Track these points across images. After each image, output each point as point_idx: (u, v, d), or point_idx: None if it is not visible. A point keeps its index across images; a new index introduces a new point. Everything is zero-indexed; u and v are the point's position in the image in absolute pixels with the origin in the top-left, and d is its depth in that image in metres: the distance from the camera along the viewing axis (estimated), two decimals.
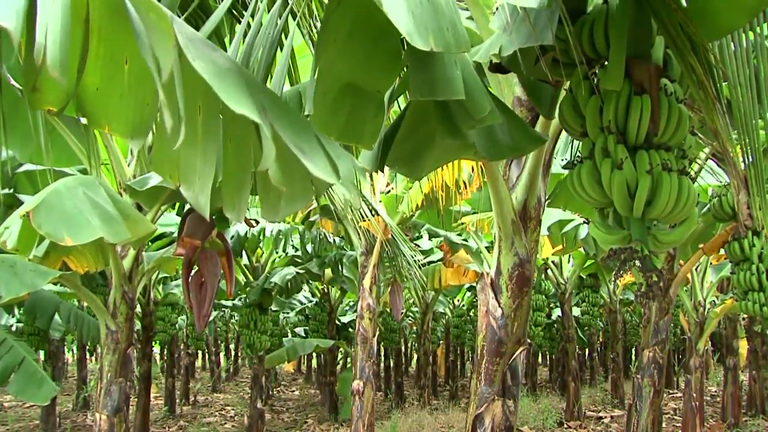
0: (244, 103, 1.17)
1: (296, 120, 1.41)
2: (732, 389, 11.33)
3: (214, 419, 13.03)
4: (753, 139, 2.38)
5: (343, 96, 1.76)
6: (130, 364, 5.04)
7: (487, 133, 2.13)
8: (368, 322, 7.48)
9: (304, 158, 1.24)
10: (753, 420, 12.04)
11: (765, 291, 5.70)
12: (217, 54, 1.30)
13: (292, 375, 26.06)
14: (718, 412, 12.32)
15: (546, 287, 13.24)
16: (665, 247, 2.19)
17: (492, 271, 2.99)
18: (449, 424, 11.65)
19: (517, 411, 3.06)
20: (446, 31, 1.54)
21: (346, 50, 1.70)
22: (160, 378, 18.18)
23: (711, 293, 9.04)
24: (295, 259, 11.12)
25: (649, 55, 2.11)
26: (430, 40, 1.46)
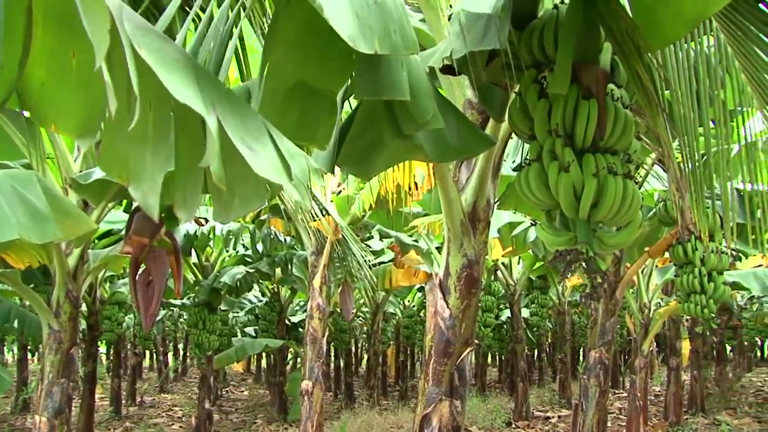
0: (190, 93, 1.15)
1: (249, 116, 1.38)
2: (674, 389, 11.58)
3: (161, 420, 12.84)
4: (692, 146, 2.43)
5: (294, 95, 1.75)
6: (74, 364, 4.94)
7: (436, 135, 2.14)
8: (318, 322, 7.45)
9: (250, 156, 1.22)
10: (693, 418, 12.33)
11: (706, 293, 5.85)
12: (168, 44, 1.27)
13: (242, 375, 25.82)
14: (661, 411, 12.57)
15: (496, 288, 13.36)
16: (610, 249, 2.23)
17: (441, 272, 3.00)
18: (398, 425, 11.67)
19: (464, 411, 3.08)
20: (393, 33, 1.54)
21: (298, 48, 1.68)
22: (106, 378, 17.84)
23: (656, 295, 9.22)
24: (246, 259, 11.02)
25: (597, 61, 2.14)
26: (375, 43, 1.45)
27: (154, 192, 1.31)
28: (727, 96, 2.88)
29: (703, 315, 5.96)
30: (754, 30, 2.34)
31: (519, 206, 6.87)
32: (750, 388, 17.82)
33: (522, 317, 13.55)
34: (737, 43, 2.46)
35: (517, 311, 13.08)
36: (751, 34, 2.36)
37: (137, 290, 4.00)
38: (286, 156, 1.35)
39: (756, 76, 2.55)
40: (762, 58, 2.43)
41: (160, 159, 1.31)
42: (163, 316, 18.34)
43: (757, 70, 2.50)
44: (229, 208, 1.48)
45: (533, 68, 2.20)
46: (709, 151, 2.75)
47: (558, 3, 2.16)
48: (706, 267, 5.87)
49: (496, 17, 1.95)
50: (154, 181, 1.31)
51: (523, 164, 2.23)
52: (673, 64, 2.46)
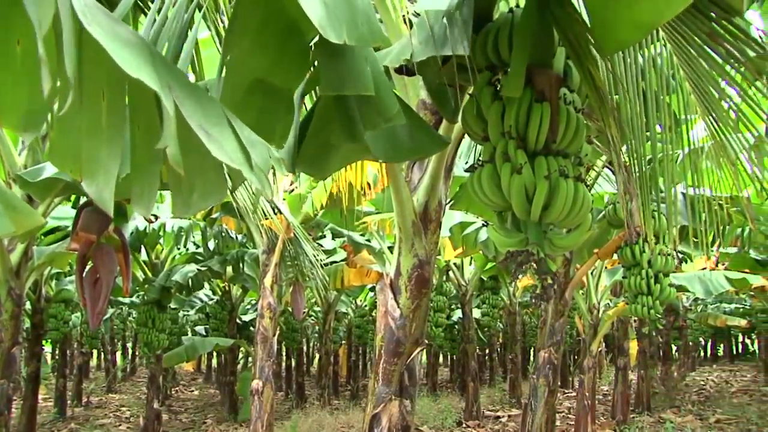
0: (144, 73, 1.12)
1: (208, 102, 1.35)
2: (622, 388, 11.79)
3: (108, 421, 12.60)
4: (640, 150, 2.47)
5: (253, 93, 1.73)
6: (15, 364, 4.81)
7: (389, 135, 2.14)
8: (269, 321, 7.40)
9: (208, 141, 1.19)
10: (639, 416, 12.57)
11: (653, 294, 5.97)
12: (121, 26, 1.22)
13: (192, 374, 25.52)
14: (609, 409, 12.78)
15: (447, 289, 13.42)
16: (560, 250, 2.25)
17: (392, 272, 3.01)
18: (349, 424, 11.66)
19: (414, 411, 3.08)
20: (360, 24, 1.53)
21: (256, 46, 1.66)
22: (50, 379, 17.46)
23: (605, 296, 9.37)
24: (197, 256, 10.90)
25: (550, 65, 2.16)
26: (343, 33, 1.45)
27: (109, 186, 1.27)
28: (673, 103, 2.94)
29: (650, 316, 6.08)
30: (698, 41, 2.39)
31: (471, 207, 6.92)
32: (693, 386, 18.25)
33: (473, 317, 13.64)
34: (682, 52, 2.51)
35: (468, 311, 13.16)
36: (695, 44, 2.41)
37: (84, 288, 3.92)
38: (246, 144, 1.32)
39: (699, 85, 2.60)
40: (704, 67, 2.49)
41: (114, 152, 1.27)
42: (111, 314, 18.00)
43: (701, 78, 2.56)
44: (188, 203, 1.45)
45: (487, 71, 2.21)
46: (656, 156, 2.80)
47: (513, 7, 2.18)
48: (653, 269, 5.99)
49: (459, 21, 1.96)
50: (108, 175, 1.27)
51: (476, 165, 2.24)
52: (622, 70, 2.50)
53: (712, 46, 2.39)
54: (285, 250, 7.56)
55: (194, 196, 1.44)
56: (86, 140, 1.28)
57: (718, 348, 34.84)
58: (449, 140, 2.72)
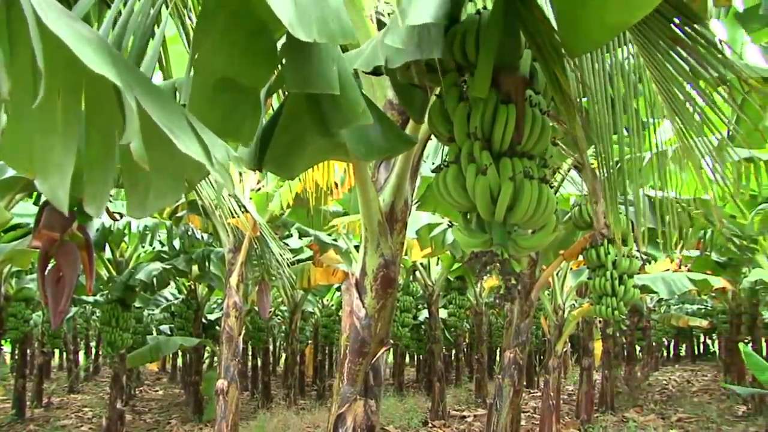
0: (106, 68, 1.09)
1: (167, 103, 1.33)
2: (586, 388, 11.91)
3: (69, 422, 12.39)
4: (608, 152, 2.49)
5: (221, 91, 1.71)
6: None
7: (359, 134, 2.13)
8: (234, 321, 7.35)
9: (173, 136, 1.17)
10: (603, 416, 12.72)
11: (617, 296, 6.03)
12: (80, 24, 1.20)
13: (157, 374, 25.28)
14: (573, 409, 12.90)
15: (414, 289, 13.46)
16: (525, 251, 2.26)
17: (357, 272, 3.00)
18: (315, 424, 11.63)
19: (379, 411, 3.07)
20: (331, 22, 1.52)
21: (223, 43, 1.65)
22: (9, 379, 17.16)
23: (570, 297, 9.46)
24: (162, 255, 10.79)
25: (517, 67, 2.17)
26: (313, 31, 1.43)
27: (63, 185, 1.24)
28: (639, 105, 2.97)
29: (614, 317, 6.15)
30: (663, 44, 2.41)
31: (438, 208, 6.94)
32: (656, 386, 18.50)
33: (440, 317, 13.69)
34: (648, 55, 2.53)
35: (435, 311, 13.19)
36: (660, 47, 2.43)
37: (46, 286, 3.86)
38: (206, 143, 1.31)
39: (665, 87, 2.63)
40: (670, 70, 2.51)
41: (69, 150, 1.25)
42: (74, 313, 17.77)
43: (666, 81, 2.58)
44: (143, 203, 1.43)
45: (454, 71, 2.21)
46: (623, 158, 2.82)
47: (480, 8, 2.18)
48: (618, 270, 6.05)
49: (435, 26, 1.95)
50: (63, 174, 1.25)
51: (442, 166, 2.24)
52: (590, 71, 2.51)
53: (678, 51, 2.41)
54: (251, 248, 7.51)
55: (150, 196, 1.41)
56: (40, 139, 1.25)
57: (680, 348, 35.38)
58: (416, 140, 2.71)
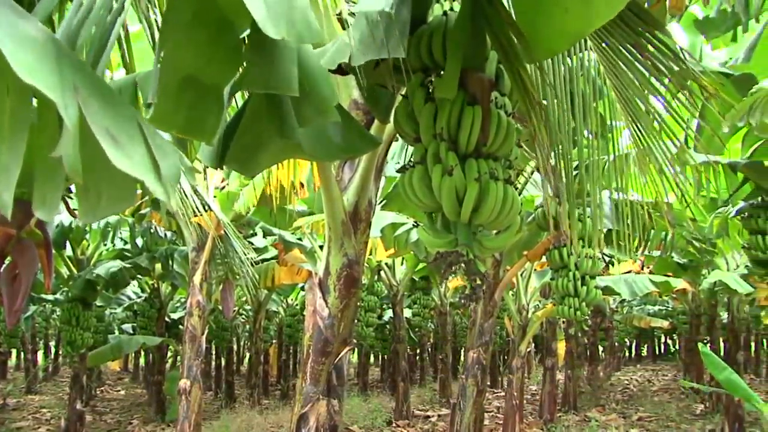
0: (44, 75, 1.07)
1: (120, 108, 1.30)
2: (549, 387, 12.04)
3: (26, 423, 12.13)
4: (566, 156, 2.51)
5: (185, 88, 1.69)
6: None
7: (319, 134, 2.13)
8: (197, 320, 7.30)
9: (113, 148, 1.15)
10: (566, 415, 12.86)
11: (579, 296, 6.09)
12: (27, 22, 1.17)
13: (119, 374, 24.94)
14: (537, 409, 13.01)
15: (378, 289, 13.46)
16: (489, 251, 2.28)
17: (321, 271, 3.00)
18: (279, 424, 11.58)
19: (342, 410, 3.08)
20: (298, 22, 1.51)
21: (188, 40, 1.62)
22: None
23: (534, 298, 9.54)
24: (124, 253, 10.66)
25: (483, 69, 2.18)
26: (282, 29, 1.43)
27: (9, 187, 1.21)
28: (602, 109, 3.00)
29: (576, 317, 6.21)
30: (624, 52, 2.45)
31: (403, 208, 6.95)
32: (618, 386, 18.74)
33: (404, 317, 13.71)
34: (608, 63, 2.57)
35: (399, 311, 13.21)
36: (621, 55, 2.47)
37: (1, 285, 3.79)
38: (156, 152, 1.29)
39: (624, 95, 2.67)
40: (630, 77, 2.55)
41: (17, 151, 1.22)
42: (33, 312, 17.43)
43: (625, 88, 2.62)
44: (95, 208, 1.40)
45: (421, 72, 2.22)
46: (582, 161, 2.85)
47: (447, 10, 2.19)
48: (580, 271, 6.12)
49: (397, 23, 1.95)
50: (9, 175, 1.21)
51: (407, 166, 2.25)
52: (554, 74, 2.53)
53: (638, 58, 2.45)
54: (215, 247, 7.47)
55: (102, 201, 1.38)
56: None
57: (642, 348, 35.85)
58: (380, 140, 2.72)
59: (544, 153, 2.27)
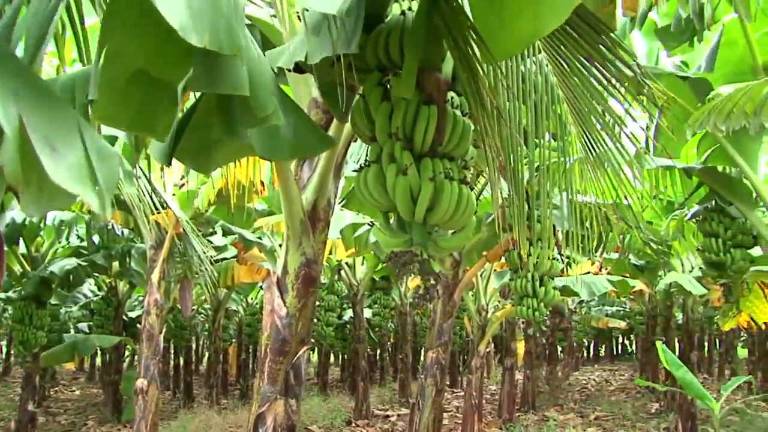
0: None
1: (59, 111, 1.28)
2: (508, 387, 12.15)
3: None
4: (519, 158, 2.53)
5: (135, 84, 1.65)
6: None
7: (272, 133, 2.11)
8: (155, 318, 7.21)
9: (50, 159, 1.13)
10: (525, 415, 12.99)
11: (538, 297, 6.15)
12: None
13: (74, 373, 24.50)
14: (496, 408, 13.10)
15: (339, 288, 13.45)
16: (444, 252, 2.29)
17: (279, 270, 2.98)
18: (238, 424, 11.50)
19: (299, 410, 3.07)
20: (221, 31, 1.49)
21: (137, 35, 1.60)
22: None
23: (494, 298, 9.60)
24: (80, 250, 10.48)
25: (439, 69, 2.19)
26: (206, 36, 1.41)
27: None
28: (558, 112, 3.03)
29: (535, 317, 6.27)
30: (576, 63, 2.47)
31: (362, 207, 6.94)
32: (576, 385, 18.96)
33: (364, 317, 13.71)
34: (561, 74, 2.59)
35: (359, 311, 13.21)
36: (574, 67, 2.49)
37: None
38: (94, 158, 1.26)
39: (576, 106, 2.70)
40: (581, 89, 2.57)
41: None
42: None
43: (577, 99, 2.65)
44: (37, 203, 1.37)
45: (378, 71, 2.22)
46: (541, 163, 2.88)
47: (405, 9, 2.19)
48: (539, 272, 6.17)
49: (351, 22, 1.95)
50: None
51: (363, 166, 2.24)
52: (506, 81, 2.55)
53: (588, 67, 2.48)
54: (173, 245, 7.39)
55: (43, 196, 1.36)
56: None
57: (600, 348, 36.33)
58: (336, 140, 2.72)
59: (494, 154, 2.27)
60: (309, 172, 2.97)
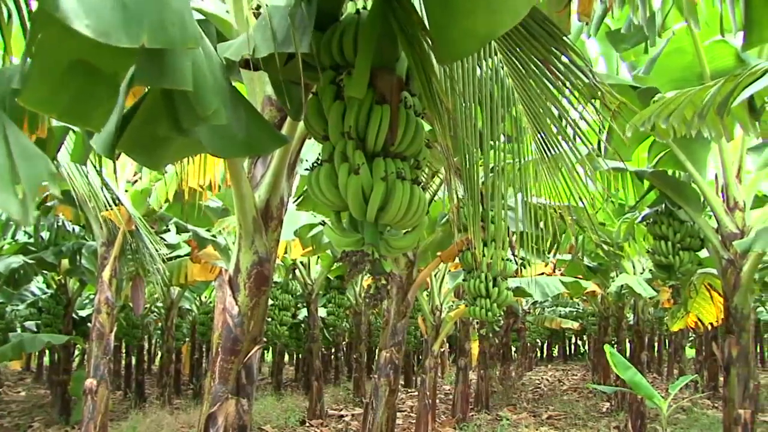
0: None
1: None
2: (462, 387, 12.23)
3: None
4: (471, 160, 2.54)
5: (73, 73, 1.61)
6: None
7: (223, 130, 2.09)
8: (106, 317, 7.09)
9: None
10: (478, 414, 13.10)
11: (491, 297, 6.20)
12: None
13: (20, 373, 24.02)
14: (450, 408, 13.17)
15: (293, 287, 13.39)
16: (396, 251, 2.29)
17: (231, 269, 2.96)
18: (190, 424, 11.38)
19: (251, 410, 3.04)
20: (171, 25, 1.47)
21: None
22: None
23: (448, 298, 9.66)
24: (28, 248, 10.27)
25: (393, 68, 2.19)
26: (143, 35, 1.38)
27: None
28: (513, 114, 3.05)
29: (488, 318, 6.31)
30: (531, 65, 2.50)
31: (317, 207, 6.92)
32: (530, 385, 19.17)
33: (319, 316, 13.69)
34: (517, 76, 2.62)
35: (314, 310, 13.18)
36: (529, 68, 2.51)
37: None
38: (17, 158, 1.23)
39: (531, 108, 2.72)
40: (536, 91, 2.60)
41: None
42: None
43: (532, 101, 2.67)
44: None
45: (331, 70, 2.21)
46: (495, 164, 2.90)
47: (360, 8, 2.19)
48: (492, 273, 6.22)
49: (303, 19, 1.94)
50: None
51: (315, 164, 2.23)
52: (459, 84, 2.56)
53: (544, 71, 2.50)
54: (126, 243, 7.28)
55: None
56: None
57: (553, 349, 36.82)
58: (289, 138, 2.70)
59: (448, 154, 2.28)
60: (262, 170, 2.95)
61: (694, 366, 20.79)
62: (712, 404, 14.19)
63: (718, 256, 5.91)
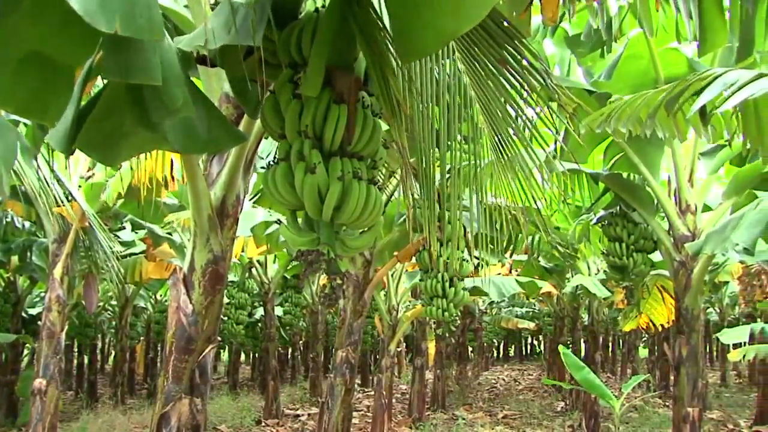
0: None
1: None
2: (419, 387, 12.28)
3: None
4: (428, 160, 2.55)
5: (29, 66, 1.58)
6: None
7: (184, 126, 2.06)
8: (57, 315, 6.96)
9: None
10: (435, 414, 13.16)
11: (447, 297, 6.23)
12: None
13: None
14: (406, 408, 13.21)
15: (250, 286, 13.30)
16: (352, 251, 2.28)
17: (185, 267, 2.92)
18: (143, 424, 11.24)
19: (205, 409, 3.02)
20: (138, 16, 1.45)
21: (35, 15, 1.53)
22: None
23: (405, 298, 9.68)
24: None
25: (351, 68, 2.18)
26: (116, 22, 1.36)
27: None
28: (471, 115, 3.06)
29: (444, 317, 6.34)
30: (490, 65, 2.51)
31: (274, 205, 6.88)
32: (486, 385, 19.34)
33: (276, 315, 13.62)
34: (474, 75, 2.62)
35: (270, 309, 13.10)
36: (487, 69, 2.52)
37: None
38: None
39: (488, 107, 2.73)
40: (493, 90, 2.61)
41: None
42: None
43: (490, 102, 2.68)
44: None
45: (289, 68, 2.19)
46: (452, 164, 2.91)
47: (320, 6, 2.17)
48: (449, 273, 6.25)
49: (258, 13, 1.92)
50: None
51: (272, 163, 2.22)
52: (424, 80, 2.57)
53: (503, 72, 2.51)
54: (78, 240, 7.15)
55: None
56: None
57: (509, 349, 37.16)
58: (246, 135, 2.68)
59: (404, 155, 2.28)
60: (218, 167, 2.92)
61: (647, 366, 21.17)
62: (663, 403, 14.46)
63: (670, 258, 6.03)
